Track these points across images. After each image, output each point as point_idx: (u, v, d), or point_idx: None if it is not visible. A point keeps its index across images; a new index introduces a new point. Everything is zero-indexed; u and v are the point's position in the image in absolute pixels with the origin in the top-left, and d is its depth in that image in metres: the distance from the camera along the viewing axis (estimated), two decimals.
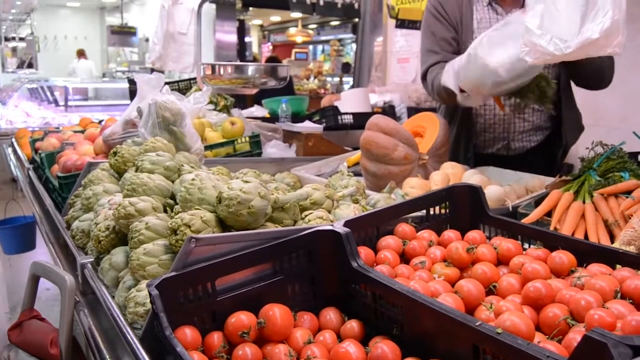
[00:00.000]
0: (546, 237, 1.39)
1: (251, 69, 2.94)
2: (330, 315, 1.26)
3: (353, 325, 1.21)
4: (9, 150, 4.38)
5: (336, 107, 3.95)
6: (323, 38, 16.91)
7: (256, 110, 4.32)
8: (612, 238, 1.63)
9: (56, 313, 1.64)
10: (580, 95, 4.96)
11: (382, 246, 1.43)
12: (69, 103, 7.91)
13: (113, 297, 1.44)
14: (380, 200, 1.81)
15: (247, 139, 2.82)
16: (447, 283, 1.25)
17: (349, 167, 2.48)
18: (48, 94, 8.32)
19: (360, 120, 3.39)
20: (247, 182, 1.37)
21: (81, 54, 15.43)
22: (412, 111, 5.18)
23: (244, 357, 1.09)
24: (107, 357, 1.34)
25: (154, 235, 1.40)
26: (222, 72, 2.87)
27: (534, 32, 1.76)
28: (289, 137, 3.15)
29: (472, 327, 0.96)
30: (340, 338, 1.20)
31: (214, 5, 7.64)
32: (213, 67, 2.90)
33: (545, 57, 1.76)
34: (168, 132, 2.10)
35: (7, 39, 13.86)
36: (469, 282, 1.20)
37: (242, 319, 1.15)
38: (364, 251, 1.37)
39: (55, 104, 8.01)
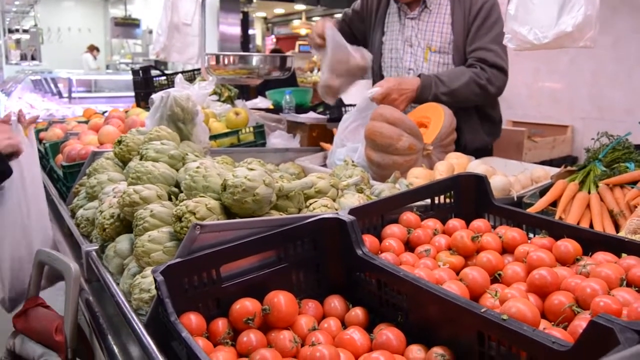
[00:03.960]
0: (551, 226, 1.38)
1: (255, 59, 2.93)
2: (335, 302, 1.26)
3: (357, 312, 1.21)
4: None
5: (340, 99, 3.94)
6: None
7: (260, 102, 4.31)
8: (617, 228, 1.63)
9: (60, 303, 1.64)
10: (586, 88, 4.95)
11: (387, 234, 1.43)
12: (73, 95, 7.91)
13: (118, 284, 1.45)
14: (385, 190, 1.80)
15: (251, 129, 2.82)
16: (452, 271, 1.25)
17: None
18: (52, 85, 8.32)
19: None
20: (252, 169, 1.37)
21: (90, 48, 15.46)
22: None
23: (249, 343, 1.10)
24: (112, 343, 1.34)
25: (159, 223, 1.40)
26: (226, 62, 2.86)
27: (516, 21, 1.81)
28: (293, 127, 3.15)
29: (478, 313, 0.96)
30: (344, 325, 1.20)
31: None
32: (217, 57, 2.89)
33: (525, 46, 1.81)
34: (175, 128, 2.09)
35: (10, 31, 13.87)
36: (473, 270, 1.19)
37: (246, 305, 1.15)
38: (369, 239, 1.37)
39: (59, 96, 8.01)
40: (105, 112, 3.74)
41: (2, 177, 1.91)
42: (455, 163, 2.10)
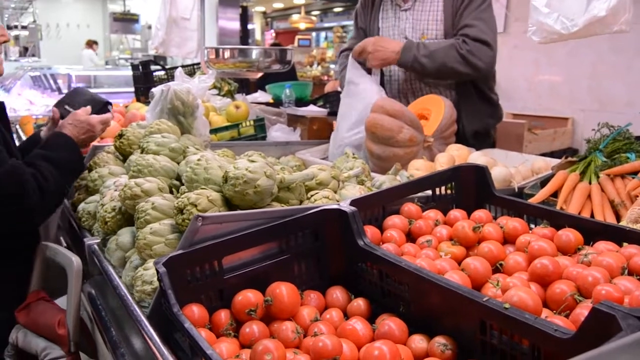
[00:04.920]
0: (553, 216, 1.38)
1: (255, 52, 2.92)
2: (337, 293, 1.26)
3: (359, 303, 1.21)
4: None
5: (340, 92, 3.93)
6: (326, 25, 16.83)
7: (260, 96, 4.30)
8: (618, 218, 1.63)
9: (62, 298, 1.65)
10: (586, 80, 4.94)
11: (388, 225, 1.43)
12: None
13: (120, 277, 1.45)
14: (386, 182, 1.80)
15: (252, 122, 2.82)
16: (454, 261, 1.25)
17: None
18: (51, 81, 8.30)
19: None
20: (253, 161, 1.37)
21: (89, 44, 15.41)
22: None
23: (252, 334, 1.10)
24: (115, 335, 1.35)
25: (160, 215, 1.40)
26: (226, 55, 2.85)
27: (541, 11, 1.77)
28: (293, 121, 3.15)
29: (480, 302, 0.96)
30: (347, 316, 1.20)
31: None
32: (217, 50, 2.88)
33: (552, 37, 1.77)
34: (176, 122, 2.09)
35: (9, 27, 13.81)
36: (475, 260, 1.19)
37: (249, 296, 1.15)
38: (370, 230, 1.37)
39: (58, 92, 7.99)
40: None
41: (78, 174, 1.95)
42: (456, 155, 2.10)
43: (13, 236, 1.79)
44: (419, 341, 1.06)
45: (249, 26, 12.76)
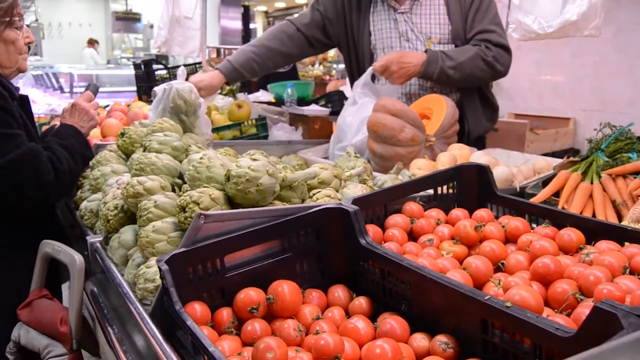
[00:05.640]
0: (554, 216, 1.38)
1: None
2: (339, 292, 1.26)
3: (361, 302, 1.22)
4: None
5: (342, 92, 3.94)
6: None
7: (262, 95, 4.31)
8: (620, 218, 1.63)
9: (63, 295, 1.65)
10: (588, 81, 4.94)
11: (390, 224, 1.43)
12: (74, 90, 7.91)
13: (122, 275, 1.45)
14: (388, 181, 1.81)
15: (254, 121, 2.83)
16: (456, 260, 1.25)
17: None
18: (53, 80, 8.31)
19: None
20: (255, 160, 1.37)
21: (91, 42, 15.40)
22: None
23: (253, 332, 1.10)
24: (117, 333, 1.35)
25: (163, 214, 1.41)
26: (227, 55, 2.86)
27: (520, 11, 1.83)
28: (295, 120, 3.15)
29: (481, 301, 0.96)
30: (348, 315, 1.20)
31: None
32: (219, 50, 2.89)
33: (530, 35, 1.83)
34: (178, 120, 2.09)
35: None
36: (477, 259, 1.20)
37: (251, 295, 1.15)
38: (372, 229, 1.37)
39: (60, 91, 8.00)
40: (107, 106, 3.74)
41: (88, 159, 2.06)
42: (458, 154, 2.10)
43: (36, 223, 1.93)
44: (420, 340, 1.06)
45: (251, 25, 12.78)
